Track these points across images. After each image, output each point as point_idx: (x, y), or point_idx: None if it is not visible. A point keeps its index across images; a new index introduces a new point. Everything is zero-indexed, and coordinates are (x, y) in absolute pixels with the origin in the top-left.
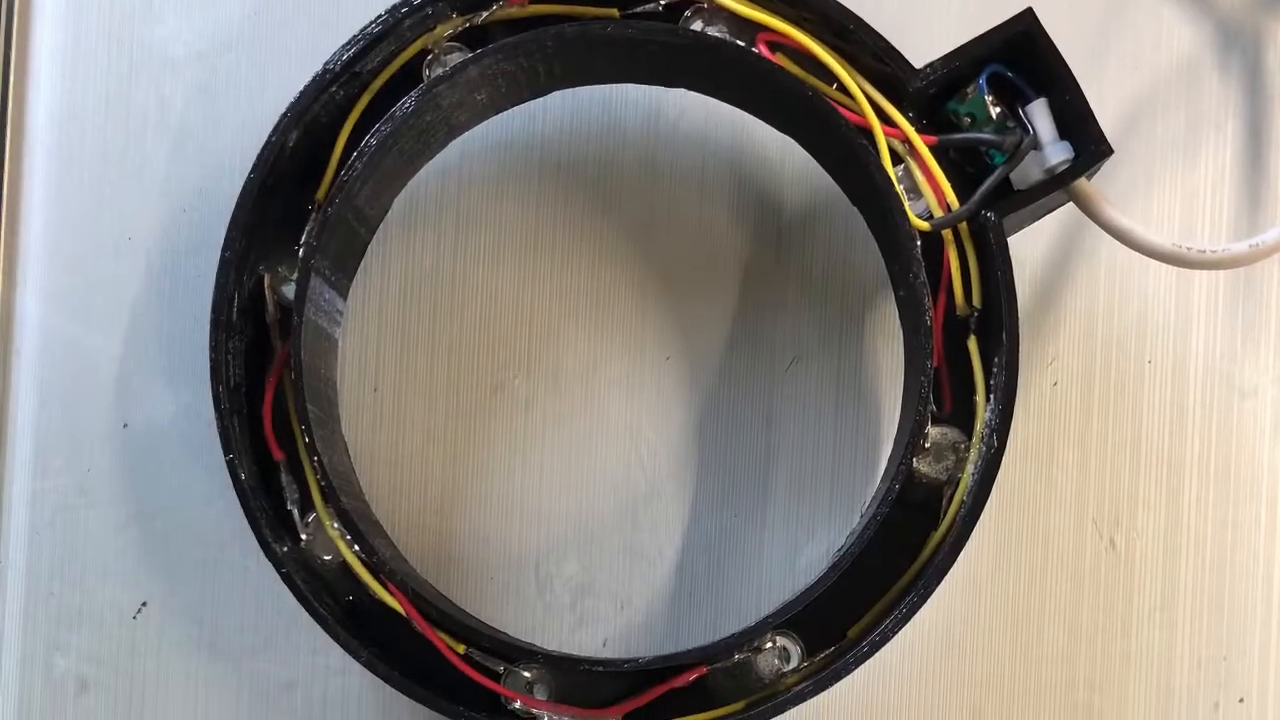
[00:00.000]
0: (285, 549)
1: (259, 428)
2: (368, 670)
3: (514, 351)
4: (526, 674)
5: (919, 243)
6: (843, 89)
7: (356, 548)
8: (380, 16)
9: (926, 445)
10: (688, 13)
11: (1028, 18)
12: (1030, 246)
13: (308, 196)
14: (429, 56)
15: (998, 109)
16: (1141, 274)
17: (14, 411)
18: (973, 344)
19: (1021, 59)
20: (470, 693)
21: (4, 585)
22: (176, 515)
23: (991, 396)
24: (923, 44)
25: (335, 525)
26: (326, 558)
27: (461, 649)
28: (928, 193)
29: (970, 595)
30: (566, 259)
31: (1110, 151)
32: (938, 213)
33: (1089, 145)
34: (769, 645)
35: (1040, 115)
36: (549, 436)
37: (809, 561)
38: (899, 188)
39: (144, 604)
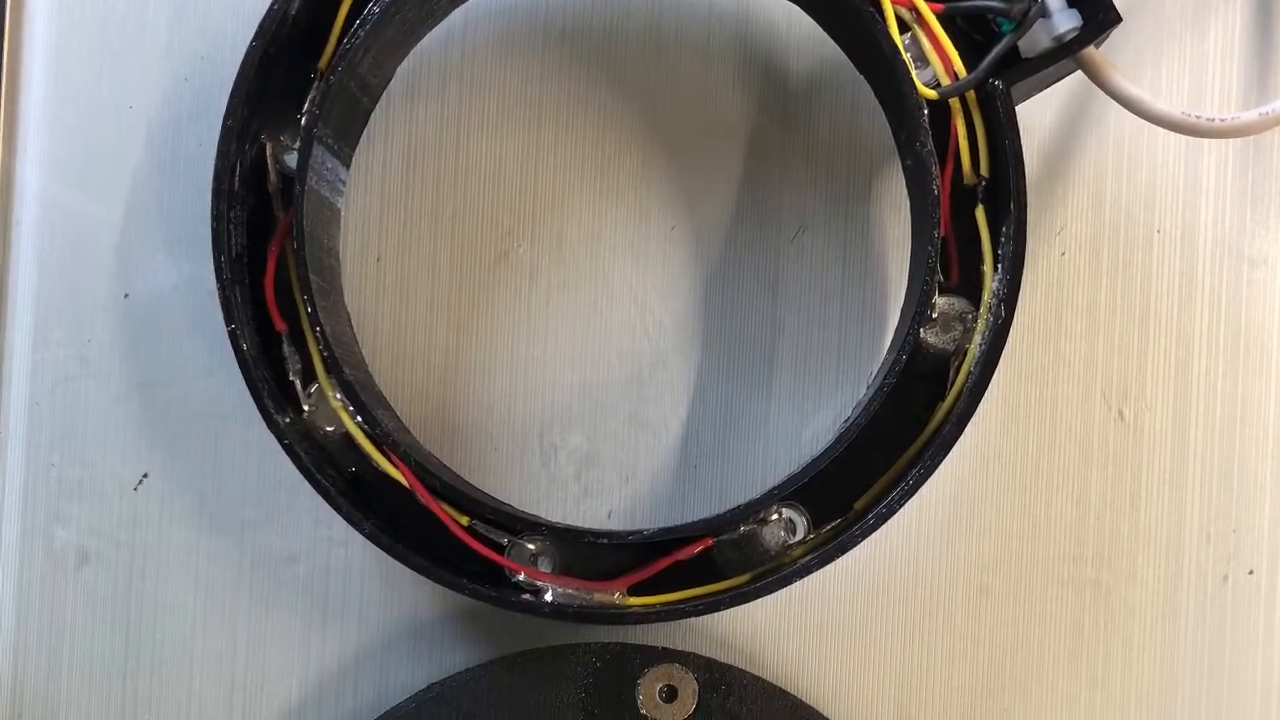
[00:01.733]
0: (287, 420)
1: (261, 298)
2: (370, 542)
3: (518, 220)
4: (530, 546)
5: (926, 111)
6: None
7: (359, 418)
8: None
9: (934, 315)
10: None
11: None
12: (1038, 115)
13: (310, 65)
14: None
15: None
16: (1150, 143)
17: (14, 282)
18: (980, 213)
19: None
20: (474, 565)
21: (4, 457)
22: (178, 386)
23: (999, 266)
24: None
25: (338, 396)
26: (329, 429)
27: (465, 521)
28: (935, 61)
29: (978, 468)
30: (570, 127)
31: (1119, 19)
32: (945, 81)
33: (1097, 13)
34: (775, 517)
35: None
36: (553, 306)
37: (815, 433)
38: (906, 56)
39: (145, 476)
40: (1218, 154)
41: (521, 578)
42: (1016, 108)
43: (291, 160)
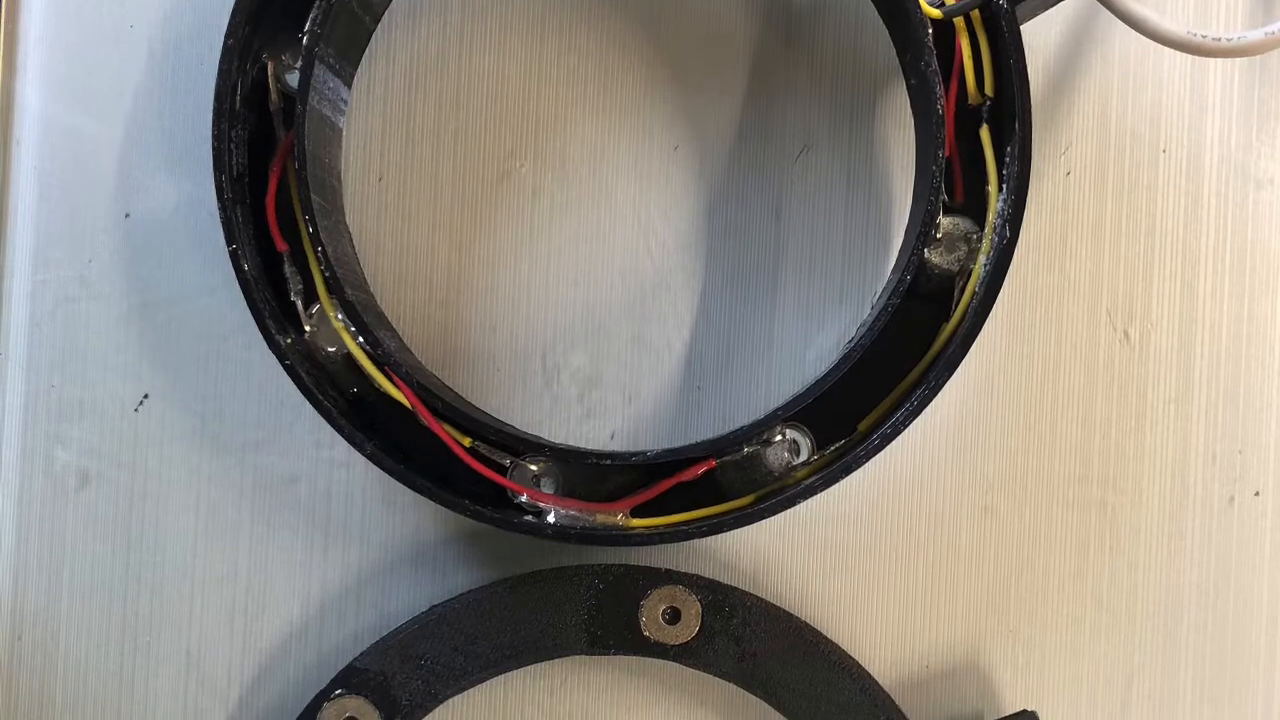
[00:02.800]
0: (289, 341)
1: (262, 218)
2: (372, 464)
3: (521, 139)
4: (533, 467)
5: (930, 30)
6: None
7: (361, 339)
8: None
9: (938, 235)
10: None
11: None
12: (1043, 34)
13: None
14: None
15: None
16: (1156, 62)
17: (14, 202)
18: (985, 133)
19: None
20: (476, 486)
21: (4, 378)
22: (179, 307)
23: (1004, 186)
24: None
25: (339, 317)
26: (330, 349)
27: (467, 442)
28: None
29: (982, 389)
30: (574, 46)
31: None
32: None
33: None
34: (778, 438)
35: None
36: (556, 225)
37: (819, 354)
38: None
39: (145, 396)
40: (1223, 74)
41: (524, 499)
42: (1021, 27)
43: (293, 80)
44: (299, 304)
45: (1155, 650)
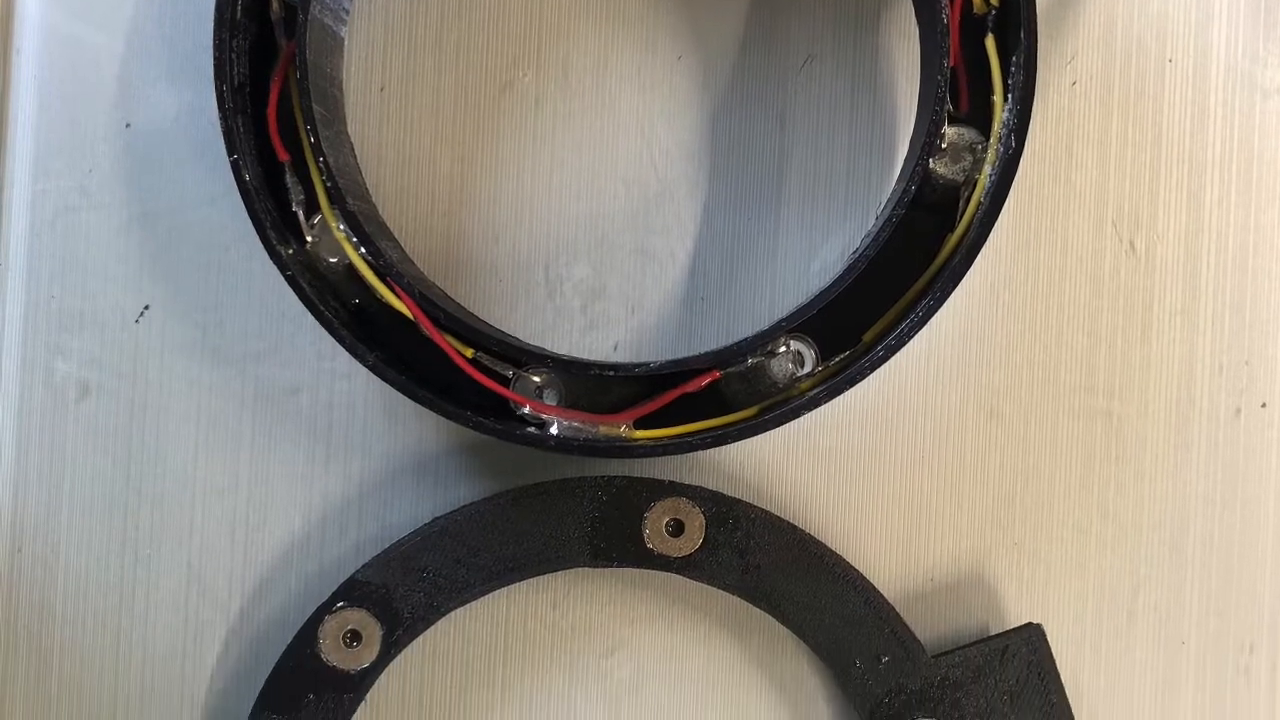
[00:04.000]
0: (290, 251)
1: (263, 128)
2: (374, 374)
3: (523, 48)
4: (536, 379)
5: None
6: None
7: (363, 250)
8: None
9: (943, 146)
10: None
11: None
12: None
13: None
14: None
15: None
16: None
17: (14, 112)
18: (990, 42)
19: None
20: (478, 397)
21: (4, 289)
22: (180, 217)
23: (1009, 96)
24: None
25: (341, 227)
26: (332, 260)
27: (470, 353)
28: None
29: (988, 300)
30: None
31: None
32: None
33: None
34: (782, 349)
35: None
36: (559, 135)
37: (824, 264)
38: None
39: (146, 307)
40: None
41: (526, 411)
42: None
43: None
44: (300, 214)
45: (1161, 562)
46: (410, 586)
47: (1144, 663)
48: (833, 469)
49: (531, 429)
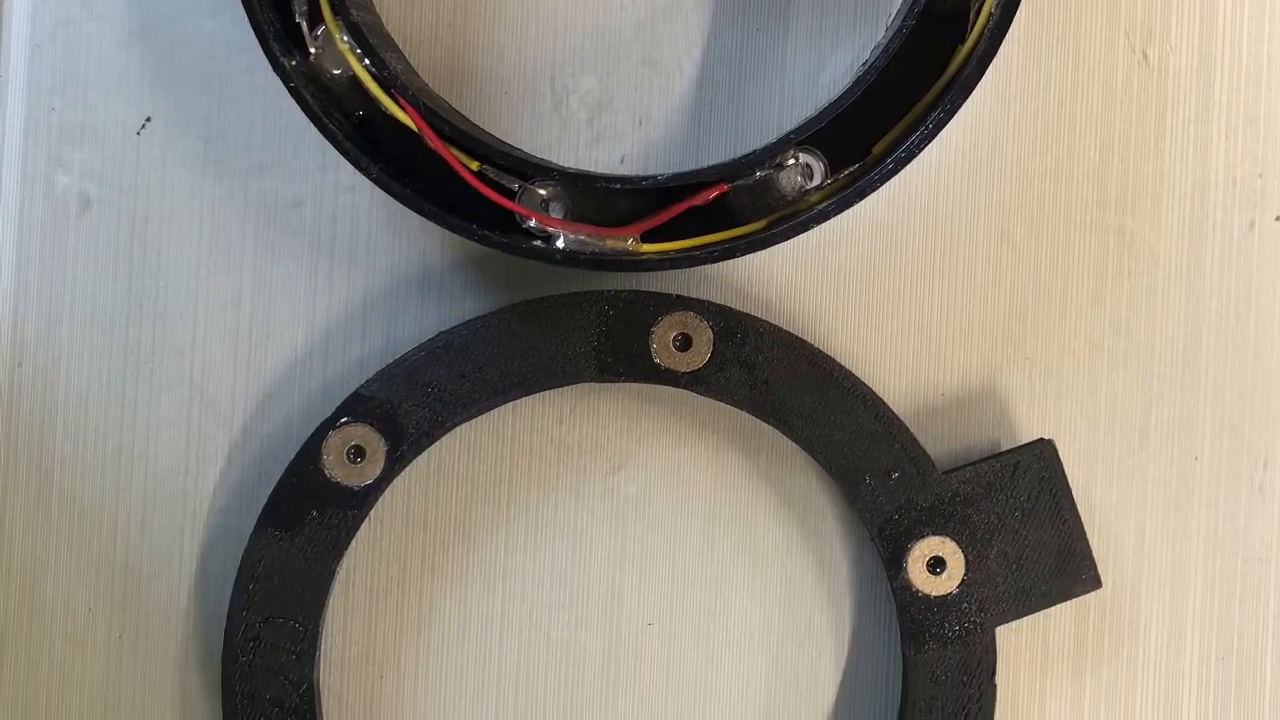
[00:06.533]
0: (293, 63)
1: None
2: (378, 187)
3: None
4: (542, 191)
5: None
6: None
7: (367, 61)
8: None
9: None
10: None
11: None
12: None
13: None
14: None
15: None
16: None
17: None
18: None
19: None
20: (484, 210)
21: (4, 101)
22: (181, 27)
23: None
24: None
25: (345, 38)
26: (336, 72)
27: (475, 165)
28: None
29: (998, 112)
30: None
31: None
32: None
33: None
34: (791, 162)
35: None
36: None
37: (833, 75)
38: None
39: (148, 119)
40: None
41: (532, 224)
42: None
43: None
44: (304, 25)
45: (1174, 378)
46: (415, 402)
47: (1156, 478)
48: (842, 283)
49: (538, 242)
